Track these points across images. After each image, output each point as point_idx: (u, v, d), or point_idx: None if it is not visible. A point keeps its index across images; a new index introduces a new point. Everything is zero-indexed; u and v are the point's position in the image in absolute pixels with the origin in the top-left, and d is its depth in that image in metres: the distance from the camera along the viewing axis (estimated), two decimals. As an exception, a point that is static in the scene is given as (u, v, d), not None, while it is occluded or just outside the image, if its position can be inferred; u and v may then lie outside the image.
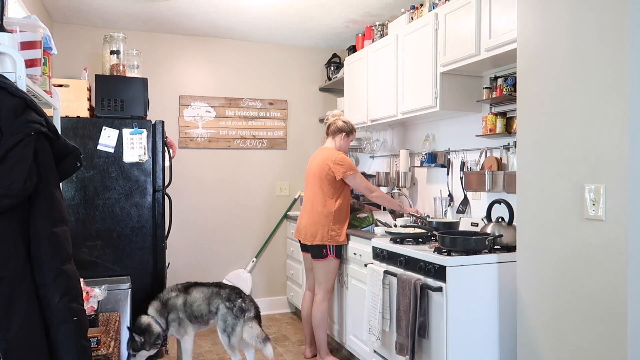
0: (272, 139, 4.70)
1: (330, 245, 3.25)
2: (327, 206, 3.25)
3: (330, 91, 4.87)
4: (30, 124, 1.26)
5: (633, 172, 1.59)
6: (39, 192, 1.30)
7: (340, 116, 3.42)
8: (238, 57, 4.57)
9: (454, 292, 2.24)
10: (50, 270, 1.30)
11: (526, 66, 2.02)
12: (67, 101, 3.11)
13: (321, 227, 3.25)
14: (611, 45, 1.65)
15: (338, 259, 3.31)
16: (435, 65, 2.96)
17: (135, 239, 3.28)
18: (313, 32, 4.32)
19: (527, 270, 2.02)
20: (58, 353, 1.31)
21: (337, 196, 3.27)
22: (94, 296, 2.39)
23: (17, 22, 1.58)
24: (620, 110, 1.62)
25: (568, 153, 1.82)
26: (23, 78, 1.40)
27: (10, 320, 1.21)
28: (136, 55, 3.59)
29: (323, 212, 3.25)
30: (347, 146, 3.44)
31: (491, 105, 2.96)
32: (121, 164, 3.24)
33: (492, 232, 2.48)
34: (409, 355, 2.36)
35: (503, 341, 2.32)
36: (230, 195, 4.55)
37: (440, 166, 3.39)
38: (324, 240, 3.24)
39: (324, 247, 3.25)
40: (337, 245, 3.27)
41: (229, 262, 4.55)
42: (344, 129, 3.36)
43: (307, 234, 3.30)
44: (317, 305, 3.31)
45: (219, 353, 3.63)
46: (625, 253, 1.60)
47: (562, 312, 1.85)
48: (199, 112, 4.44)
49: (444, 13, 2.88)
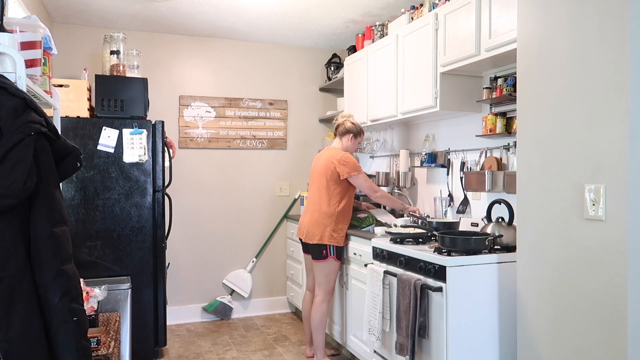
0: (272, 139, 4.70)
1: (331, 245, 3.25)
2: (331, 206, 3.25)
3: (330, 91, 4.87)
4: (30, 124, 1.26)
5: (633, 172, 1.59)
6: (39, 192, 1.30)
7: (350, 117, 3.43)
8: (238, 57, 4.58)
9: (454, 292, 2.24)
10: (50, 270, 1.30)
11: (526, 66, 2.02)
12: (67, 101, 3.11)
13: (324, 226, 3.24)
14: (611, 45, 1.65)
15: (339, 261, 3.30)
16: (435, 65, 2.96)
17: (135, 239, 3.29)
18: (313, 32, 4.32)
19: (527, 271, 2.02)
20: (58, 353, 1.31)
21: (342, 196, 3.27)
22: (94, 296, 2.39)
23: (17, 22, 1.58)
24: (620, 110, 1.62)
25: (568, 153, 1.82)
26: (23, 78, 1.40)
27: (11, 320, 1.21)
28: (136, 56, 3.60)
29: (327, 211, 3.25)
30: (354, 148, 3.44)
31: (491, 105, 2.96)
32: (121, 164, 3.24)
33: (492, 232, 2.48)
34: (409, 355, 2.36)
35: (503, 341, 2.32)
36: (230, 195, 4.55)
37: (440, 166, 3.39)
38: (324, 240, 3.23)
39: (324, 247, 3.25)
40: (338, 246, 3.27)
41: (229, 262, 4.54)
42: (352, 130, 3.37)
43: (309, 232, 3.30)
44: (316, 307, 3.30)
45: (218, 353, 3.64)
46: (625, 253, 1.60)
47: (562, 312, 1.85)
48: (199, 112, 4.44)
49: (444, 13, 2.88)
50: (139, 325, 3.22)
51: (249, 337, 4.00)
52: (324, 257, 3.25)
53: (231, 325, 4.32)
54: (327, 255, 3.25)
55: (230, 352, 3.64)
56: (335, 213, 3.24)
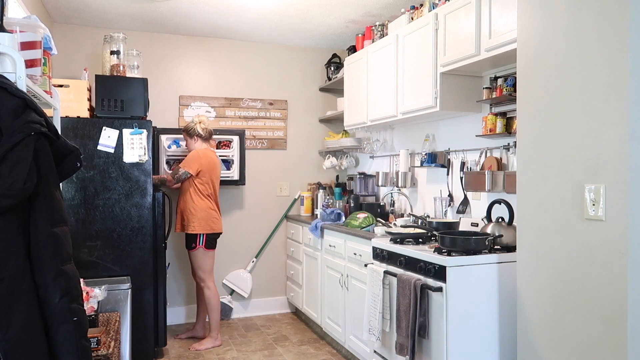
0: (272, 139, 4.70)
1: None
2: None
3: (330, 91, 4.87)
4: (30, 124, 1.26)
5: (633, 172, 1.59)
6: (39, 192, 1.30)
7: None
8: (238, 57, 4.58)
9: (454, 292, 2.24)
10: (50, 270, 1.30)
11: (526, 66, 2.02)
12: (67, 101, 3.11)
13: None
14: (611, 45, 1.65)
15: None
16: (435, 65, 2.96)
17: (135, 239, 3.28)
18: (313, 32, 4.32)
19: (527, 271, 2.02)
20: (58, 353, 1.30)
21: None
22: (94, 296, 2.39)
23: (17, 22, 1.58)
24: (620, 110, 1.62)
25: (568, 153, 1.82)
26: (23, 78, 1.40)
27: (11, 320, 1.21)
28: (136, 56, 3.60)
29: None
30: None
31: (491, 105, 2.96)
32: (121, 164, 3.24)
33: (492, 232, 2.48)
34: (409, 355, 2.36)
35: (503, 341, 2.32)
36: (230, 195, 4.55)
37: (440, 166, 3.39)
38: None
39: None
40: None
41: (229, 262, 4.54)
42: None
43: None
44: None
45: (219, 353, 3.64)
46: (626, 253, 1.60)
47: (562, 312, 1.85)
48: (199, 112, 4.44)
49: (444, 13, 2.88)
50: (139, 325, 3.22)
51: (249, 337, 4.00)
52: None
53: (231, 325, 4.32)
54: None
55: (230, 352, 3.64)
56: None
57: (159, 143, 4.07)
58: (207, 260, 3.71)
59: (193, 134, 3.74)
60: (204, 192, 3.66)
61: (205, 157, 3.66)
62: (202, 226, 3.63)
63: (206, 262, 3.71)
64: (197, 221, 3.62)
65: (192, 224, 3.62)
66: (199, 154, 3.65)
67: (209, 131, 3.78)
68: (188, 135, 3.77)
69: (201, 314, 3.94)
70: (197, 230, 3.62)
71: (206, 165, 3.65)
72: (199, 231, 3.62)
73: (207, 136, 3.78)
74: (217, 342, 3.74)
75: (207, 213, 3.65)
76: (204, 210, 3.65)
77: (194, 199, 3.63)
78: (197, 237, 3.64)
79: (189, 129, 3.75)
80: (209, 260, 3.72)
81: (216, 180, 3.77)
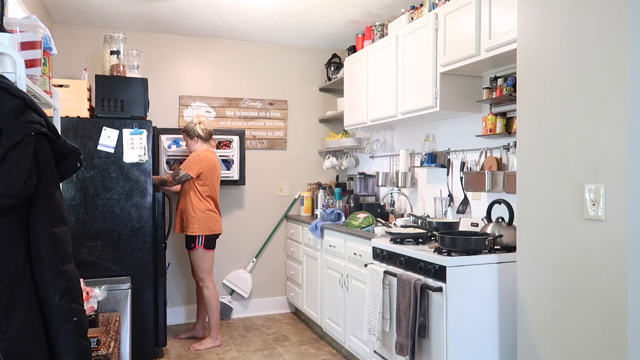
0: (272, 139, 4.70)
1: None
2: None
3: (330, 91, 4.87)
4: (30, 124, 1.26)
5: (633, 172, 1.59)
6: (39, 193, 1.30)
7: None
8: (238, 57, 4.58)
9: (454, 293, 2.24)
10: (50, 270, 1.30)
11: (526, 66, 2.02)
12: (67, 101, 3.11)
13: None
14: (611, 45, 1.65)
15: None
16: (435, 65, 2.96)
17: (135, 239, 3.28)
18: (313, 32, 4.32)
19: (527, 271, 2.02)
20: (58, 353, 1.30)
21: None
22: (94, 296, 2.39)
23: (17, 22, 1.58)
24: (620, 110, 1.62)
25: (568, 153, 1.82)
26: (23, 78, 1.40)
27: (10, 320, 1.21)
28: (136, 56, 3.60)
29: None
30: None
31: (491, 106, 2.96)
32: (121, 164, 3.24)
33: (492, 232, 2.48)
34: (409, 355, 2.36)
35: (503, 341, 2.32)
36: (230, 195, 4.55)
37: (440, 166, 3.39)
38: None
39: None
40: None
41: (229, 263, 4.54)
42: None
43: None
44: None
45: (218, 353, 3.64)
46: (626, 253, 1.60)
47: (562, 312, 1.85)
48: (199, 112, 4.44)
49: (444, 13, 2.88)
50: (139, 325, 3.22)
51: (249, 337, 4.00)
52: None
53: (231, 325, 4.32)
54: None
55: (230, 352, 3.64)
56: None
57: (159, 143, 4.08)
58: (207, 260, 3.71)
59: (193, 135, 3.74)
60: (204, 194, 3.66)
61: (206, 158, 3.66)
62: (201, 228, 3.63)
63: (205, 262, 3.71)
64: (196, 222, 3.62)
65: (192, 226, 3.63)
66: (199, 156, 3.65)
67: (209, 132, 3.77)
68: (188, 137, 3.77)
69: (201, 314, 3.94)
70: (196, 232, 3.62)
71: (207, 167, 3.65)
72: (198, 233, 3.63)
73: (207, 137, 3.78)
74: (217, 342, 3.74)
75: (206, 214, 3.65)
76: (204, 211, 3.65)
77: (194, 200, 3.63)
78: (196, 238, 3.65)
79: (189, 130, 3.75)
80: (208, 260, 3.72)
81: (216, 181, 3.77)
